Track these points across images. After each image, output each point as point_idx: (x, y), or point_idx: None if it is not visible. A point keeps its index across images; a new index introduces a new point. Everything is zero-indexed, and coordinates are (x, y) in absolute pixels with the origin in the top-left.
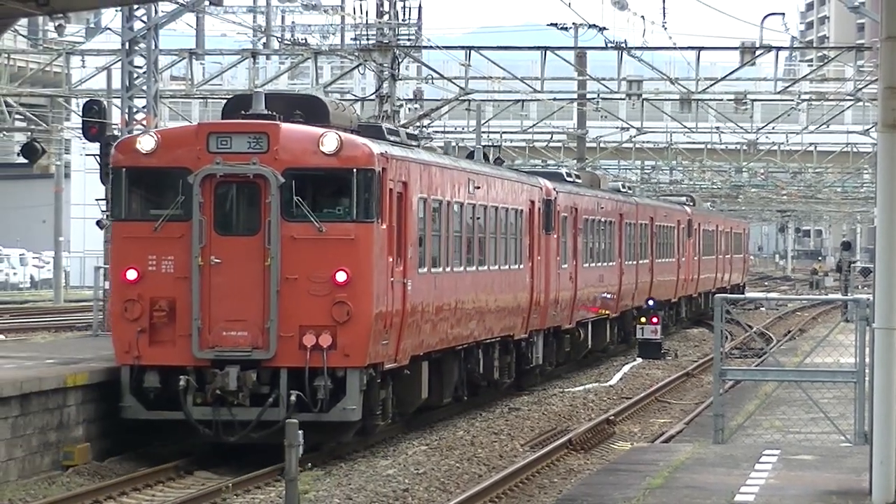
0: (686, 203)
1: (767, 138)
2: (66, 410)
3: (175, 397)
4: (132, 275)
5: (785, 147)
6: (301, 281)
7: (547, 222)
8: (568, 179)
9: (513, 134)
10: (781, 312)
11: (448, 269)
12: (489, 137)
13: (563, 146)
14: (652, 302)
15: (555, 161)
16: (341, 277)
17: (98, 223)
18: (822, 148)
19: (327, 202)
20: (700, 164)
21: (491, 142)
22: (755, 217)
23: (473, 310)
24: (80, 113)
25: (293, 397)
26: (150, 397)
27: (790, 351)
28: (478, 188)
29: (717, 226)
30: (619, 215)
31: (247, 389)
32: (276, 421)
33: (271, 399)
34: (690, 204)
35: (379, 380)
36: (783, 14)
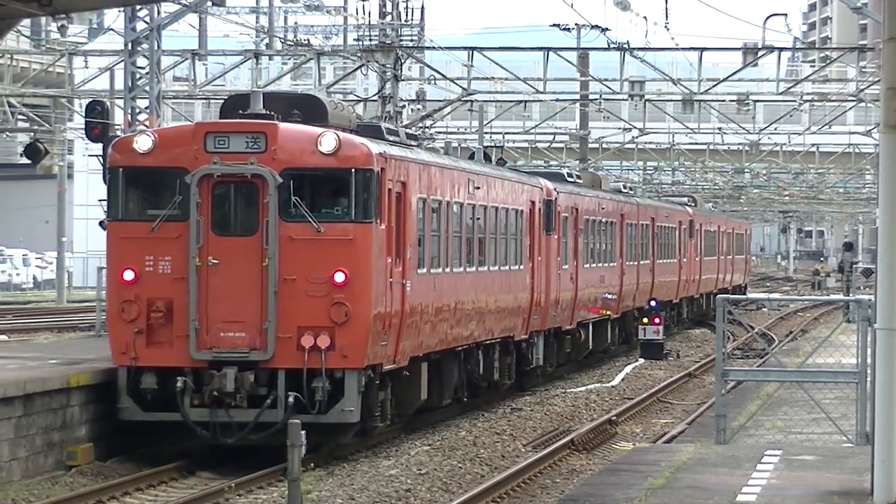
0: (688, 204)
1: (770, 139)
2: (70, 411)
3: (172, 398)
4: (129, 275)
5: (787, 148)
6: (299, 281)
7: (547, 223)
8: (569, 180)
9: (515, 135)
10: (783, 313)
11: (447, 270)
12: (492, 138)
13: (566, 147)
14: (654, 303)
15: (557, 162)
16: (339, 278)
17: (101, 224)
18: (825, 149)
19: (326, 202)
20: (702, 165)
21: (493, 142)
22: (757, 218)
23: (473, 310)
24: (83, 113)
25: (291, 399)
26: (148, 398)
27: (792, 351)
28: (477, 188)
29: (719, 226)
30: (621, 216)
31: (244, 391)
32: (274, 422)
33: (269, 400)
34: (692, 204)
35: (378, 381)
36: (786, 15)
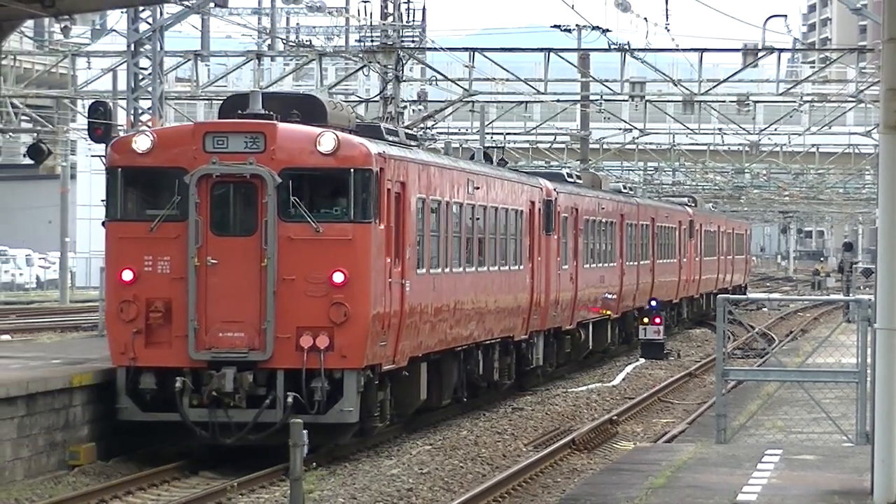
0: (687, 204)
1: (770, 139)
2: (72, 410)
3: (171, 399)
4: (128, 275)
5: (787, 148)
6: (298, 282)
7: (547, 223)
8: (569, 180)
9: (516, 135)
10: (783, 313)
11: (447, 270)
12: (493, 139)
13: (567, 147)
14: (655, 303)
15: (558, 162)
16: (338, 278)
17: (104, 224)
18: (824, 149)
19: (324, 202)
20: (703, 166)
21: (495, 143)
22: (757, 218)
23: (473, 311)
24: (86, 114)
25: (290, 399)
26: (147, 399)
27: (792, 351)
28: (477, 188)
29: (719, 227)
30: (621, 216)
31: (243, 391)
32: (273, 423)
33: (268, 401)
34: (692, 205)
35: (377, 381)
36: (785, 16)
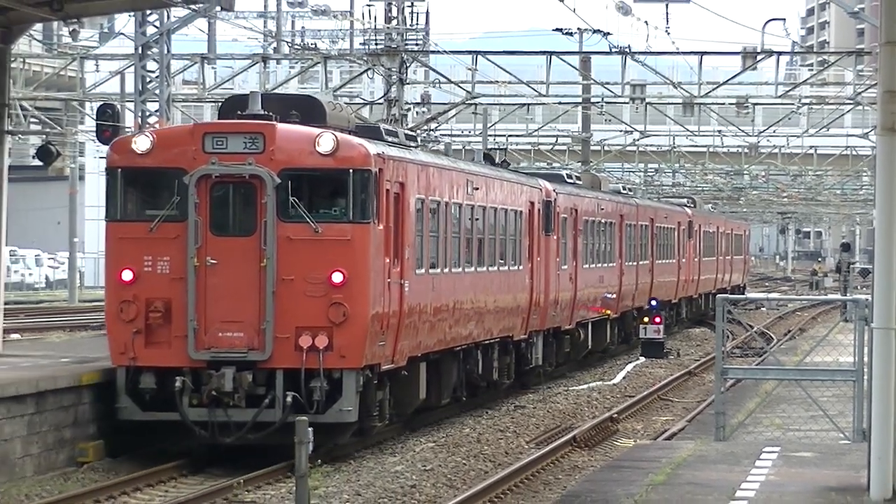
0: (687, 205)
1: (768, 141)
2: (81, 408)
3: (171, 398)
4: (128, 275)
5: (785, 150)
6: (297, 282)
7: (546, 223)
8: (568, 181)
9: (518, 137)
10: (782, 312)
11: (446, 270)
12: (495, 140)
13: (568, 149)
14: (655, 302)
15: (560, 164)
16: (337, 278)
17: None
18: (822, 151)
19: (323, 203)
20: (702, 167)
21: (497, 145)
22: (756, 219)
23: (472, 311)
24: (94, 116)
25: (289, 398)
26: (146, 398)
27: (790, 350)
28: (476, 189)
29: (718, 227)
30: (620, 216)
31: (243, 391)
32: (272, 422)
33: (267, 400)
34: (691, 206)
35: (376, 381)
36: (784, 19)
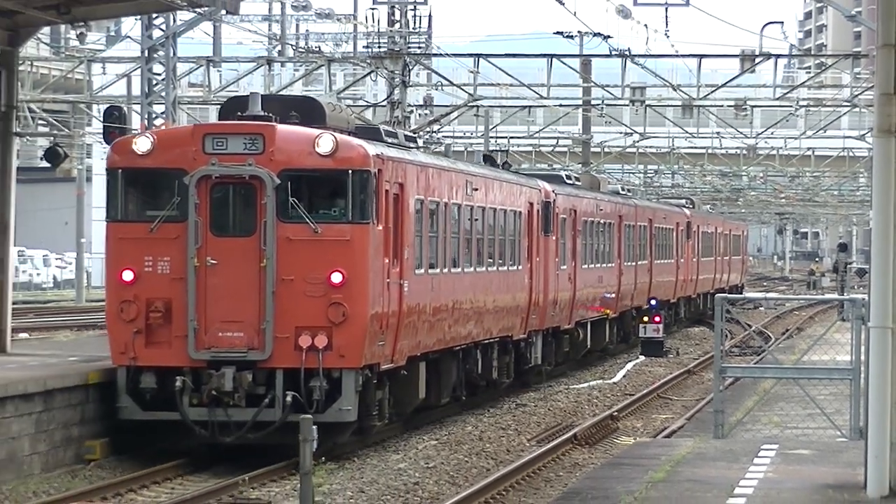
0: (685, 206)
1: (766, 143)
2: (88, 406)
3: (171, 398)
4: (128, 276)
5: (783, 151)
6: (297, 282)
7: (546, 224)
8: (567, 182)
9: (520, 139)
10: (780, 312)
11: (445, 271)
12: (497, 142)
13: (569, 151)
14: (654, 301)
15: (560, 165)
16: (337, 278)
17: None
18: (820, 152)
19: (323, 203)
20: (701, 169)
21: (499, 147)
22: (754, 219)
23: (471, 310)
24: (101, 118)
25: (289, 398)
26: (147, 398)
27: (788, 349)
28: (475, 190)
29: (716, 228)
30: (619, 217)
31: (243, 390)
32: (272, 421)
33: (267, 400)
34: (690, 206)
35: (375, 380)
36: (782, 23)
